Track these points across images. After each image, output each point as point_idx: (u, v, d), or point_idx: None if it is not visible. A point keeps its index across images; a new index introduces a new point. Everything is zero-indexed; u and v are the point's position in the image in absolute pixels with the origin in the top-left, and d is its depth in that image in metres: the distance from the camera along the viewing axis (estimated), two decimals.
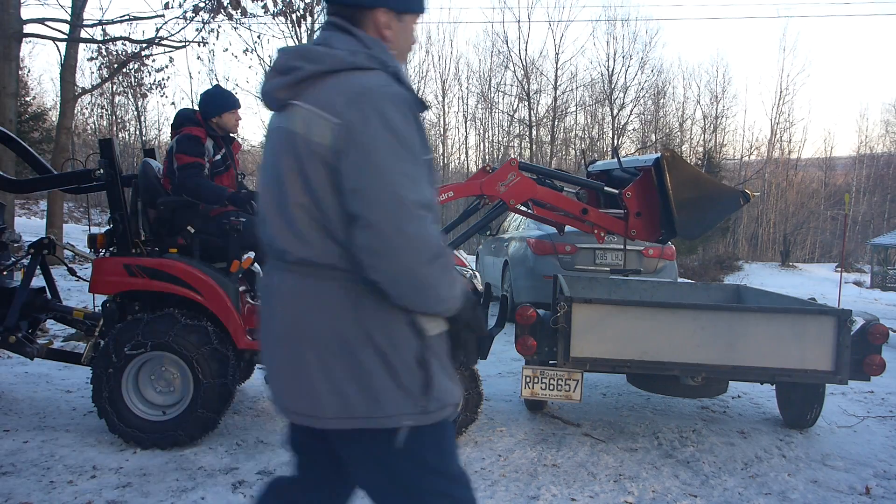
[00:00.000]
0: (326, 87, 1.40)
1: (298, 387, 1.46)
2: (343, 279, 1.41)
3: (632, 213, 3.75)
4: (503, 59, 29.26)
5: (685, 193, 3.61)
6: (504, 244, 8.80)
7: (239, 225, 3.74)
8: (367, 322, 1.41)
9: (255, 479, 3.20)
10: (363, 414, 1.41)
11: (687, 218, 3.61)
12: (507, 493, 3.15)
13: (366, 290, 1.40)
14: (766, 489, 3.33)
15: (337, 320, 1.41)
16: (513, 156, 28.82)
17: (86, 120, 25.54)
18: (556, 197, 3.84)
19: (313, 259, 1.42)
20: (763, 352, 3.53)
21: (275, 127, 1.49)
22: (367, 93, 1.36)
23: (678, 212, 3.60)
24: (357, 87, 1.37)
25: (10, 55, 9.09)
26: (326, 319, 1.42)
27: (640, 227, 3.76)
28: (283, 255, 1.47)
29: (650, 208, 3.72)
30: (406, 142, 1.36)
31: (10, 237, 4.39)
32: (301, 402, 1.46)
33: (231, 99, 4.06)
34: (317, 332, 1.42)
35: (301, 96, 1.41)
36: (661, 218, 3.72)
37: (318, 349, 1.42)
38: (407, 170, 1.35)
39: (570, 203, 3.84)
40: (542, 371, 3.68)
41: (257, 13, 10.97)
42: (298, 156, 1.39)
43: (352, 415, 1.41)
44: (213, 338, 3.54)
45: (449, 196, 3.83)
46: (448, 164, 31.50)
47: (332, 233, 1.40)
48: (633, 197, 3.74)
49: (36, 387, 4.68)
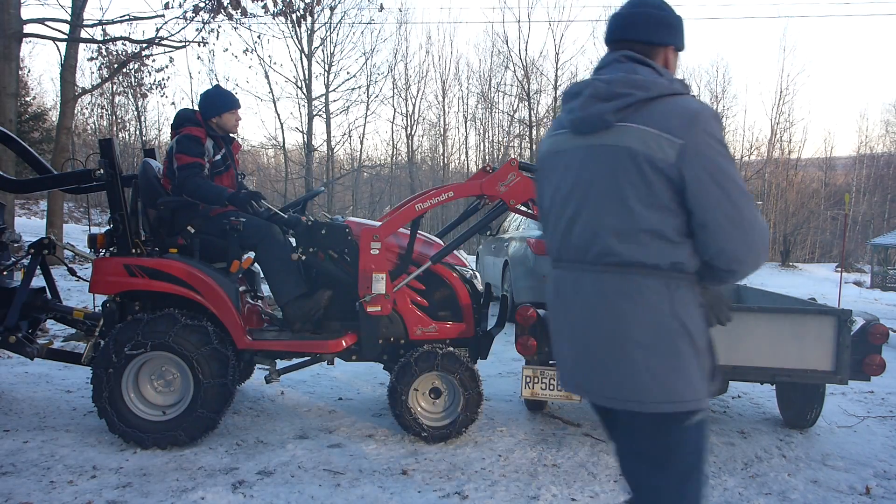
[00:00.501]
0: (657, 110, 1.61)
1: (620, 374, 1.63)
2: (664, 277, 1.62)
3: None
4: (503, 60, 29.29)
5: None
6: (504, 244, 8.80)
7: (239, 225, 3.74)
8: (681, 314, 1.61)
9: (255, 479, 3.20)
10: (679, 398, 1.60)
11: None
12: (507, 493, 3.15)
13: (679, 285, 1.62)
14: (767, 489, 3.33)
15: (659, 314, 1.60)
16: (513, 156, 28.77)
17: (86, 120, 25.55)
18: None
19: (643, 260, 1.61)
20: (763, 352, 3.53)
21: (590, 144, 1.69)
22: (698, 115, 1.59)
23: None
24: (689, 111, 1.60)
25: (11, 55, 9.09)
26: (650, 313, 1.60)
27: None
28: (602, 257, 1.65)
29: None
30: (728, 151, 1.62)
31: (11, 237, 4.39)
32: (623, 389, 1.63)
33: (231, 99, 4.06)
34: (642, 324, 1.60)
35: (630, 118, 1.62)
36: None
37: (642, 340, 1.60)
38: (737, 176, 1.60)
39: None
40: (542, 371, 3.68)
41: (257, 13, 10.96)
42: (640, 170, 1.60)
43: (671, 398, 1.60)
44: (213, 338, 3.55)
45: (449, 196, 3.83)
46: (448, 164, 31.49)
47: (664, 236, 1.60)
48: None
49: (36, 387, 4.68)
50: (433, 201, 3.77)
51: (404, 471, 3.36)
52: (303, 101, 24.38)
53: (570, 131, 1.76)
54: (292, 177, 25.84)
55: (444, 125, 30.98)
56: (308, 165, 24.50)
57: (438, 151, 31.71)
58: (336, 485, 3.18)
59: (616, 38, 1.77)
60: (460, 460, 3.53)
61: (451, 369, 3.72)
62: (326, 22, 23.80)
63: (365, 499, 3.04)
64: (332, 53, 24.86)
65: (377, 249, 3.62)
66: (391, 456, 3.57)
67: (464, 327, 3.96)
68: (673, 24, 1.77)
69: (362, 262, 3.62)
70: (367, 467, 3.40)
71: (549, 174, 1.85)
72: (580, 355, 1.71)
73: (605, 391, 1.67)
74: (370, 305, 3.63)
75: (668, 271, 1.62)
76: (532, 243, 7.76)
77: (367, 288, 3.62)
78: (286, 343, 3.82)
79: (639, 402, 1.61)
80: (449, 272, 3.97)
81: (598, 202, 1.67)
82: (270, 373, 3.93)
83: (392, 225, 3.74)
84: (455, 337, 3.94)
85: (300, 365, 4.12)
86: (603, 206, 1.66)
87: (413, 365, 3.72)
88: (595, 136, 1.69)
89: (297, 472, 3.31)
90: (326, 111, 25.34)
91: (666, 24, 1.76)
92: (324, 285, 3.91)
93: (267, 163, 31.37)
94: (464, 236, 3.96)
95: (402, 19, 33.92)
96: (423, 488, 3.17)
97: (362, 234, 3.67)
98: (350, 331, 3.85)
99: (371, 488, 3.14)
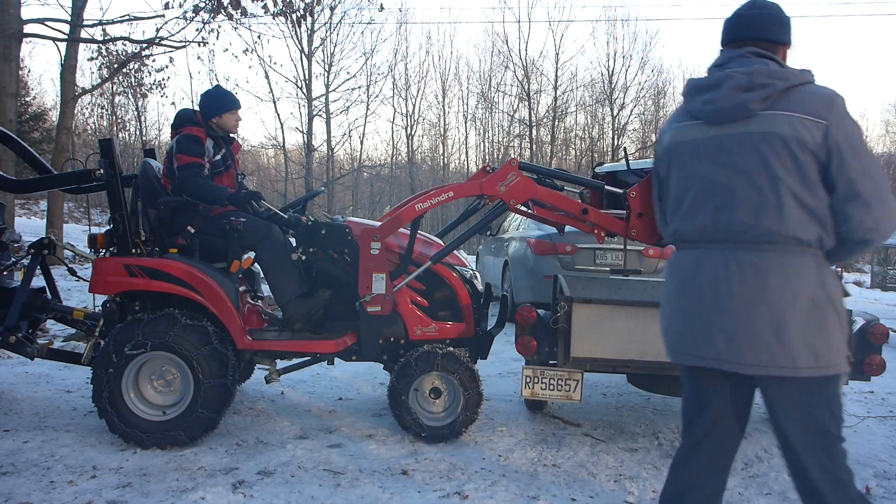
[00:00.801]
0: (797, 97, 1.82)
1: (777, 344, 1.80)
2: (814, 253, 1.82)
3: (634, 213, 3.74)
4: (503, 59, 29.25)
5: None
6: (504, 244, 8.80)
7: (239, 225, 3.74)
8: (829, 286, 1.82)
9: (255, 479, 3.20)
10: (826, 363, 1.80)
11: None
12: (507, 493, 3.15)
13: (822, 261, 1.84)
14: (767, 489, 3.33)
15: (813, 287, 1.80)
16: (513, 156, 28.75)
17: (86, 120, 25.53)
18: (557, 197, 3.83)
19: (800, 237, 1.80)
20: None
21: (733, 133, 1.88)
22: (834, 98, 1.81)
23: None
24: (826, 95, 1.82)
25: (11, 55, 9.09)
26: (806, 287, 1.80)
27: (640, 227, 3.74)
28: (762, 237, 1.83)
29: (653, 210, 3.71)
30: (860, 128, 1.85)
31: (11, 237, 4.39)
32: (780, 357, 1.80)
33: (231, 99, 4.06)
34: (798, 297, 1.79)
35: (774, 106, 1.82)
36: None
37: (798, 312, 1.79)
38: (870, 152, 1.84)
39: (570, 203, 3.84)
40: (542, 371, 3.68)
41: (257, 13, 10.98)
42: (791, 153, 1.79)
43: (819, 364, 1.79)
44: (213, 338, 3.55)
45: (449, 196, 3.83)
46: (448, 164, 31.47)
47: (815, 214, 1.80)
48: (637, 197, 3.72)
49: (36, 387, 4.68)
50: (433, 201, 3.77)
51: (404, 471, 3.36)
52: (303, 101, 24.39)
53: (705, 122, 1.94)
54: (292, 177, 25.83)
55: (444, 125, 30.99)
56: (308, 165, 24.50)
57: (438, 151, 31.71)
58: (336, 485, 3.18)
59: (738, 38, 1.99)
60: (460, 460, 3.53)
61: (452, 369, 3.72)
62: (326, 22, 23.82)
63: (365, 499, 3.04)
64: (332, 53, 24.88)
65: (377, 249, 3.62)
66: (391, 456, 3.57)
67: (464, 327, 3.96)
68: (788, 24, 2.01)
69: (362, 262, 3.62)
70: (367, 467, 3.40)
71: (680, 163, 2.02)
72: (734, 328, 1.85)
73: (760, 360, 1.82)
74: (370, 305, 3.63)
75: (816, 248, 1.82)
76: (532, 243, 7.75)
77: (367, 288, 3.62)
78: (286, 343, 3.82)
79: (793, 369, 1.80)
80: (449, 272, 3.97)
81: (753, 187, 1.84)
82: (270, 373, 3.93)
83: (392, 225, 3.74)
84: (455, 337, 3.94)
85: (300, 365, 4.12)
86: (759, 190, 1.83)
87: (413, 365, 3.72)
88: (737, 125, 1.88)
89: (298, 472, 3.31)
90: (326, 111, 25.34)
91: (785, 25, 2.00)
92: (324, 285, 3.92)
93: (267, 163, 31.37)
94: (464, 236, 3.95)
95: (402, 19, 33.94)
96: (423, 488, 3.16)
97: (362, 234, 3.67)
98: (350, 331, 3.85)
99: (371, 488, 3.14)
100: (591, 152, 29.39)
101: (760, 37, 1.97)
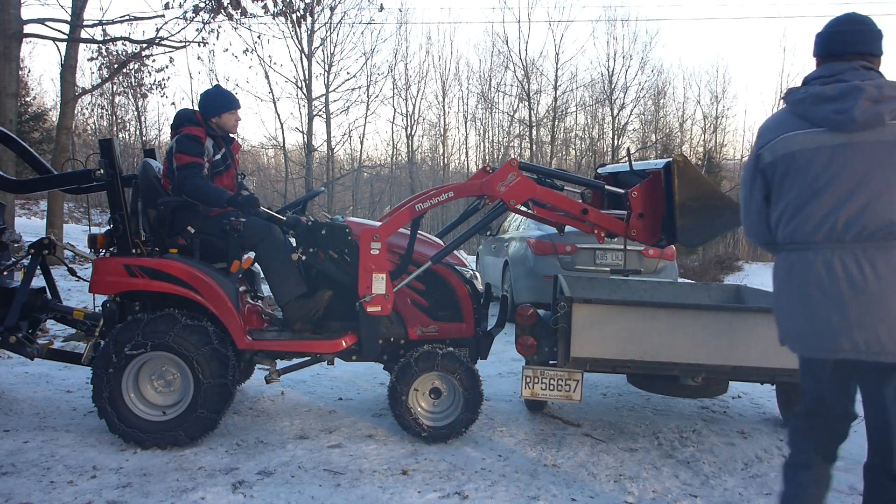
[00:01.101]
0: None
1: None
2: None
3: (635, 213, 3.75)
4: (503, 60, 29.21)
5: (691, 201, 3.58)
6: (504, 244, 8.80)
7: (239, 225, 3.74)
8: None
9: (255, 479, 3.20)
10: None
11: (689, 225, 3.58)
12: (507, 493, 3.15)
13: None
14: (767, 489, 3.33)
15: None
16: (513, 156, 28.75)
17: (86, 120, 25.49)
18: (557, 197, 3.84)
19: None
20: (763, 352, 3.52)
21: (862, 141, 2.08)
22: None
23: (681, 218, 3.57)
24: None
25: (11, 55, 9.07)
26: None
27: (641, 228, 3.75)
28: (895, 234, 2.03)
29: (654, 211, 3.71)
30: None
31: (11, 237, 4.39)
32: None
33: (231, 99, 4.06)
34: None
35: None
36: (664, 222, 3.71)
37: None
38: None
39: (570, 203, 3.84)
40: (542, 371, 3.68)
41: (257, 13, 10.96)
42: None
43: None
44: (214, 338, 3.55)
45: (449, 196, 3.83)
46: (448, 165, 31.45)
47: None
48: (639, 197, 3.73)
49: (36, 387, 4.68)
50: (433, 201, 3.77)
51: (404, 471, 3.36)
52: (303, 101, 24.37)
53: (830, 129, 2.11)
54: (292, 177, 25.83)
55: (444, 125, 30.95)
56: (308, 165, 24.50)
57: (438, 151, 31.68)
58: (336, 485, 3.18)
59: (843, 52, 2.18)
60: (460, 460, 3.53)
61: (452, 369, 3.72)
62: (326, 22, 23.78)
63: (365, 499, 3.04)
64: (332, 54, 24.84)
65: (377, 249, 3.62)
66: (391, 456, 3.57)
67: (464, 327, 3.96)
68: (882, 36, 2.21)
69: (362, 262, 3.63)
70: (367, 467, 3.40)
71: (802, 169, 2.16)
72: (872, 321, 2.02)
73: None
74: (370, 305, 3.63)
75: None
76: (532, 243, 7.75)
77: (367, 288, 3.62)
78: (286, 343, 3.82)
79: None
80: (449, 272, 3.97)
81: (884, 189, 2.04)
82: (270, 373, 3.93)
83: (392, 225, 3.74)
84: (455, 337, 3.94)
85: (300, 365, 4.12)
86: (890, 192, 2.03)
87: (413, 365, 3.72)
88: (868, 132, 2.06)
89: (298, 473, 3.31)
90: (326, 111, 25.33)
91: (881, 37, 2.20)
92: (324, 285, 3.92)
93: (267, 163, 31.35)
94: (464, 236, 3.96)
95: (402, 19, 33.98)
96: (423, 488, 3.17)
97: (362, 235, 3.67)
98: (350, 331, 3.85)
99: (371, 488, 3.14)
100: (592, 152, 29.39)
101: (865, 51, 2.17)
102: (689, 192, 3.58)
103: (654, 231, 3.77)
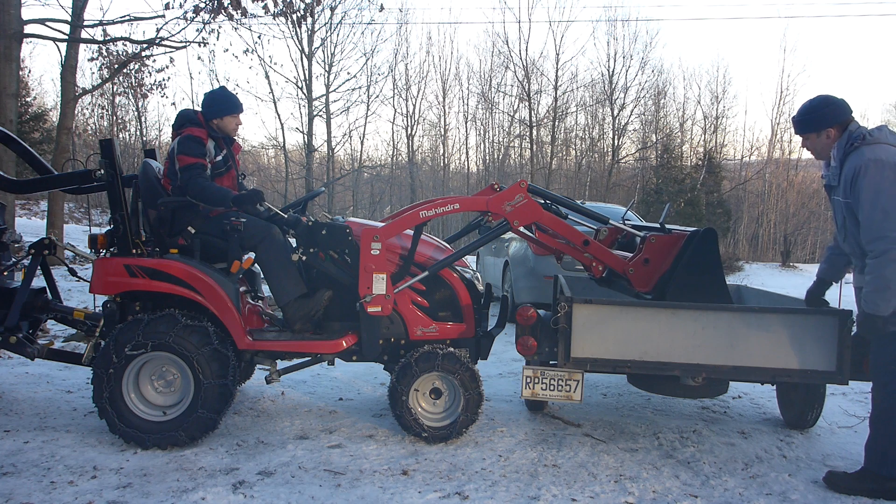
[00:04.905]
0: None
1: None
2: None
3: (642, 257, 3.80)
4: (503, 60, 29.22)
5: (695, 273, 3.66)
6: (505, 245, 8.80)
7: (239, 225, 3.74)
8: None
9: (255, 479, 3.20)
10: None
11: (678, 294, 3.66)
12: (507, 493, 3.15)
13: None
14: (767, 489, 3.33)
15: None
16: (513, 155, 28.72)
17: (86, 120, 25.54)
18: (561, 224, 3.86)
19: None
20: (764, 352, 3.52)
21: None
22: None
23: (676, 285, 3.65)
24: None
25: (11, 55, 9.08)
26: None
27: (640, 271, 3.81)
28: None
29: (659, 264, 3.77)
30: None
31: (11, 237, 4.39)
32: None
33: (234, 103, 4.06)
34: None
35: None
36: (660, 281, 3.76)
37: None
38: None
39: (573, 233, 3.87)
40: (542, 371, 3.68)
41: (258, 13, 10.98)
42: None
43: None
44: (214, 338, 3.55)
45: (454, 208, 3.85)
46: (448, 165, 31.46)
47: None
48: (655, 245, 3.80)
49: (36, 387, 4.69)
50: (438, 210, 3.78)
51: (404, 471, 3.36)
52: (303, 101, 24.42)
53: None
54: (293, 177, 25.85)
55: (445, 125, 30.97)
56: (308, 166, 24.52)
57: (439, 152, 31.69)
58: (336, 485, 3.18)
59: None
60: (460, 460, 3.53)
61: (452, 370, 3.72)
62: (327, 22, 23.84)
63: (365, 499, 3.04)
64: (332, 54, 24.90)
65: (377, 250, 3.63)
66: (391, 456, 3.57)
67: (464, 328, 3.96)
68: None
69: (363, 263, 3.63)
70: (367, 467, 3.40)
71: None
72: None
73: None
74: (370, 306, 3.64)
75: None
76: None
77: (367, 288, 3.62)
78: (287, 343, 3.82)
79: None
80: (450, 273, 3.98)
81: None
82: (271, 373, 3.93)
83: (394, 227, 3.74)
84: (455, 337, 3.94)
85: (301, 365, 4.13)
86: None
87: (413, 365, 3.72)
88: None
89: (298, 473, 3.31)
90: (327, 111, 25.36)
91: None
92: (324, 286, 3.92)
93: (267, 163, 31.37)
94: (461, 252, 3.97)
95: (402, 20, 33.96)
96: (424, 488, 3.17)
97: (363, 235, 3.67)
98: (350, 331, 3.85)
99: (371, 488, 3.15)
100: (592, 152, 29.40)
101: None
102: (697, 265, 3.66)
103: (649, 280, 3.81)
